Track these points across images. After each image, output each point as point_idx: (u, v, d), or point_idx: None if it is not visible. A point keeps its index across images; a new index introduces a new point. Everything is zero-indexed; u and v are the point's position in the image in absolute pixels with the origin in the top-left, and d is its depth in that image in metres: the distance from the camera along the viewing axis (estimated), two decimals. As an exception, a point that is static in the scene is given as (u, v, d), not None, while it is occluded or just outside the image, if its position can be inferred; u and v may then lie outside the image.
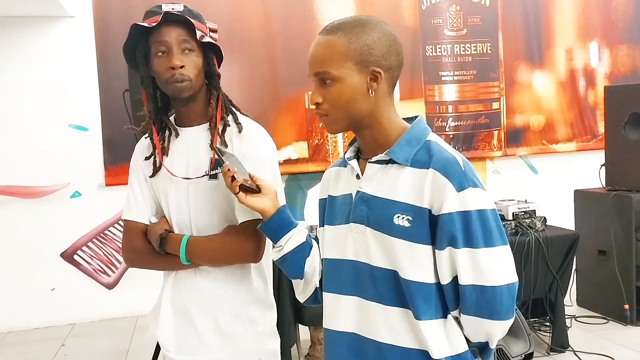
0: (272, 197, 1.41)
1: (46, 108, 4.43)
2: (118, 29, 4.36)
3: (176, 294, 1.59)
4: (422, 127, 1.29)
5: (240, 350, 1.56)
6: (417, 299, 1.20)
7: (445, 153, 1.22)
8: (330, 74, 1.23)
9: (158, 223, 1.58)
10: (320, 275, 1.40)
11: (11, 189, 4.39)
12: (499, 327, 1.21)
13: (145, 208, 1.61)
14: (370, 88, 1.24)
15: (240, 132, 1.55)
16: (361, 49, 1.22)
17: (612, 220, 3.85)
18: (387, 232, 1.22)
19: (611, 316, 3.91)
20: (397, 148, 1.24)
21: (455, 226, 1.16)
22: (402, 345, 1.22)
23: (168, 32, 1.49)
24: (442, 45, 5.12)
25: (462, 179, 1.18)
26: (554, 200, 4.63)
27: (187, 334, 1.57)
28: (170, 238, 1.53)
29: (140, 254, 1.59)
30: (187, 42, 1.50)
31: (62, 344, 4.08)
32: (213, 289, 1.55)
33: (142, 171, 1.62)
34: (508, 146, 5.31)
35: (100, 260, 4.57)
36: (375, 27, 1.24)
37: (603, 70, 5.52)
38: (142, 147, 1.65)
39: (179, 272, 1.58)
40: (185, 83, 1.50)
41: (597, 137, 5.41)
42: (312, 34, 4.73)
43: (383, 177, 1.25)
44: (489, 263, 1.17)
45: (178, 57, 1.49)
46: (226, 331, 1.55)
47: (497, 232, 1.19)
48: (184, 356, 1.57)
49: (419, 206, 1.19)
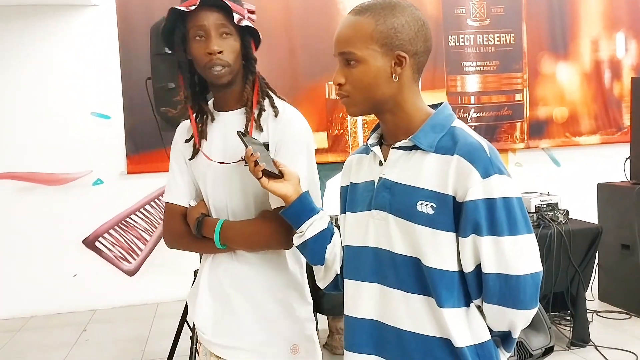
0: (295, 182, 1.41)
1: (69, 96, 4.47)
2: (140, 17, 4.39)
3: (213, 278, 1.59)
4: (447, 114, 1.27)
5: (278, 335, 1.56)
6: (439, 287, 1.19)
7: (470, 139, 1.20)
8: (354, 54, 1.21)
9: (196, 207, 1.60)
10: (341, 262, 1.40)
11: (34, 176, 4.46)
12: (523, 316, 1.19)
13: (185, 191, 1.62)
14: (394, 72, 1.22)
15: (277, 116, 1.54)
16: (388, 31, 1.20)
17: (637, 214, 3.78)
18: (410, 219, 1.21)
19: (634, 311, 3.85)
20: (421, 134, 1.23)
21: (480, 214, 1.15)
22: (424, 333, 1.21)
23: (206, 16, 1.48)
24: (465, 35, 5.06)
25: (488, 165, 1.16)
26: (577, 193, 4.57)
27: (225, 318, 1.57)
28: (207, 222, 1.54)
29: (179, 237, 1.60)
30: (224, 27, 1.49)
31: (83, 329, 4.14)
32: (250, 273, 1.55)
33: (181, 154, 1.63)
34: (530, 138, 5.25)
35: (122, 247, 4.62)
36: (404, 11, 1.22)
37: (629, 62, 5.42)
38: (182, 130, 1.66)
39: (216, 256, 1.59)
40: (224, 69, 1.49)
41: (622, 130, 5.32)
42: (333, 23, 4.76)
43: (406, 164, 1.24)
44: (513, 251, 1.15)
45: (216, 41, 1.48)
46: (264, 316, 1.55)
47: (522, 220, 1.17)
48: (220, 339, 1.58)
49: (443, 193, 1.18)
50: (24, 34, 4.38)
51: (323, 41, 4.51)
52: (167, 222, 1.63)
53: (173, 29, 1.54)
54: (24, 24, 4.37)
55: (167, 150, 3.14)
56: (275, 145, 1.52)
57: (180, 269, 4.37)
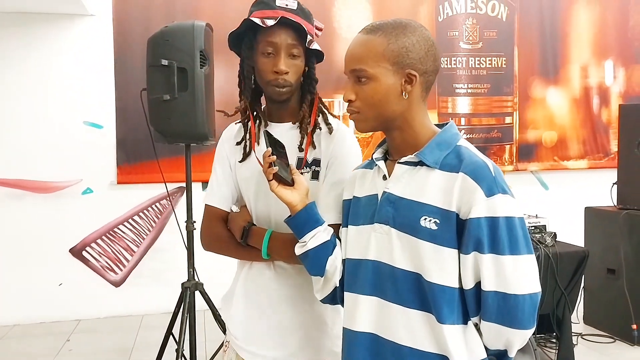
0: (303, 193, 1.42)
1: (62, 104, 4.46)
2: (137, 29, 4.41)
3: (250, 286, 1.60)
4: (453, 132, 1.29)
5: (308, 350, 1.57)
6: (440, 303, 1.20)
7: (475, 158, 1.22)
8: (366, 72, 1.25)
9: (240, 213, 1.60)
10: (341, 275, 1.41)
11: (24, 183, 4.43)
12: (520, 335, 1.20)
13: (228, 195, 1.63)
14: (404, 90, 1.25)
15: (331, 133, 1.56)
16: (399, 50, 1.23)
17: (622, 239, 3.83)
18: (413, 234, 1.22)
19: (618, 336, 3.88)
20: (427, 150, 1.25)
21: (482, 231, 1.16)
22: (422, 348, 1.22)
23: (279, 33, 1.48)
24: (458, 57, 5.13)
25: (492, 184, 1.18)
26: (564, 216, 4.62)
27: (257, 326, 1.58)
28: (254, 231, 1.55)
29: (220, 241, 1.60)
30: (295, 47, 1.50)
31: (67, 339, 4.10)
32: (287, 286, 1.56)
33: (227, 158, 1.64)
34: (519, 161, 5.31)
35: (109, 257, 4.59)
36: (415, 31, 1.26)
37: (617, 89, 5.51)
38: (229, 134, 1.67)
39: (254, 264, 1.60)
40: (285, 89, 1.51)
41: (609, 156, 5.39)
42: (329, 42, 4.80)
43: (411, 179, 1.26)
44: (514, 271, 1.17)
45: (285, 61, 1.49)
46: (297, 328, 1.56)
47: (523, 240, 1.19)
48: (251, 346, 1.59)
49: (447, 209, 1.20)
50: (19, 41, 4.38)
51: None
52: (207, 225, 1.63)
53: (242, 35, 1.55)
54: (20, 31, 4.37)
55: (160, 161, 3.18)
56: (328, 160, 1.53)
57: (166, 281, 4.37)
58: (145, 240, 4.65)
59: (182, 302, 2.84)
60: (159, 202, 4.64)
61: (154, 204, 4.65)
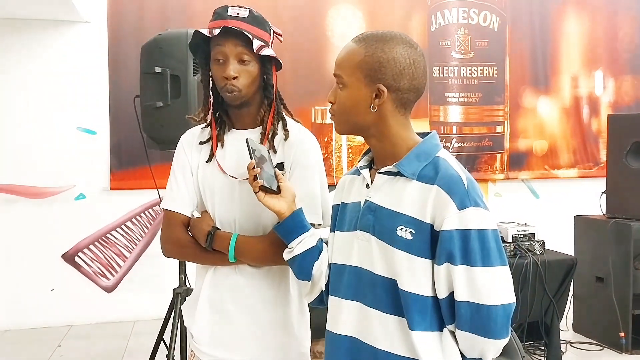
0: (290, 200, 1.45)
1: (56, 110, 4.48)
2: (131, 36, 4.44)
3: (214, 290, 1.61)
4: (434, 143, 1.32)
5: (273, 351, 1.58)
6: (412, 310, 1.23)
7: (451, 170, 1.25)
8: (342, 78, 1.30)
9: (203, 219, 1.61)
10: (327, 279, 1.44)
11: (17, 188, 4.44)
12: (492, 345, 1.22)
13: (188, 200, 1.63)
14: (372, 103, 1.28)
15: (286, 139, 1.60)
16: (373, 64, 1.27)
17: (610, 247, 3.87)
18: (389, 243, 1.25)
19: (606, 343, 3.92)
20: (406, 161, 1.28)
21: (454, 243, 1.19)
22: (397, 353, 1.25)
23: (226, 42, 1.53)
24: (449, 67, 5.18)
25: (464, 197, 1.20)
26: (554, 225, 4.65)
27: (223, 330, 1.59)
28: (219, 235, 1.56)
29: (182, 247, 1.61)
30: (244, 54, 1.54)
31: (58, 345, 4.09)
32: (252, 287, 1.58)
33: (188, 163, 1.65)
34: (510, 169, 5.35)
35: (101, 263, 4.60)
36: (395, 47, 1.27)
37: (607, 99, 5.57)
38: (189, 137, 1.68)
39: (218, 269, 1.60)
40: (235, 94, 1.55)
41: (599, 165, 5.44)
42: (322, 50, 4.85)
43: (390, 189, 1.29)
44: (485, 282, 1.19)
45: (233, 67, 1.53)
46: (262, 330, 1.58)
47: (496, 252, 1.21)
48: (216, 351, 1.60)
49: (422, 220, 1.22)
50: (13, 47, 4.39)
51: (311, 67, 4.61)
52: (167, 230, 1.63)
53: (198, 46, 1.60)
54: (14, 37, 4.39)
55: (152, 167, 3.19)
56: (289, 166, 1.57)
57: (158, 287, 4.36)
58: (137, 246, 4.65)
59: (173, 308, 2.85)
60: (152, 208, 4.66)
61: (147, 210, 4.66)
